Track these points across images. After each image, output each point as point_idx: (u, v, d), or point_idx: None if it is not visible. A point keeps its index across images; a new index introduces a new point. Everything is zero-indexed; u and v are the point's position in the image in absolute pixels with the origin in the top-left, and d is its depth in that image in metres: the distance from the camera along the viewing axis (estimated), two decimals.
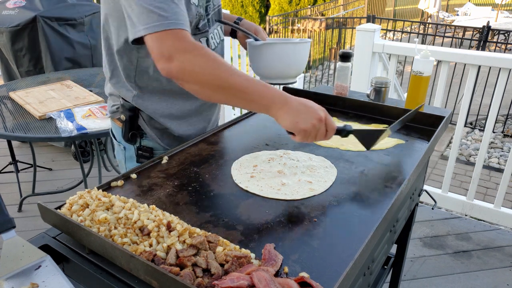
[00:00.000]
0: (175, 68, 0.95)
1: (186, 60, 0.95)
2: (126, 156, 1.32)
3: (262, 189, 1.00)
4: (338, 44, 8.04)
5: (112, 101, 1.30)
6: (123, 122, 1.27)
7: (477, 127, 5.00)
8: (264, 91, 0.98)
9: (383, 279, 1.56)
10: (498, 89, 2.44)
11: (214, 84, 0.96)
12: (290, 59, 1.34)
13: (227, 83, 0.96)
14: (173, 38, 0.96)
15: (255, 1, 11.16)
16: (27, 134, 1.95)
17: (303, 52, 1.37)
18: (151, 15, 0.95)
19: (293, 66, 1.36)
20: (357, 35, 2.75)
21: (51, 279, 0.73)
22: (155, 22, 0.95)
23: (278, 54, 1.33)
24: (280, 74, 1.37)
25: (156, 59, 0.97)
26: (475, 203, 2.74)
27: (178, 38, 0.96)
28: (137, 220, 0.80)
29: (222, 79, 0.96)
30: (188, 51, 0.95)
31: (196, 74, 0.95)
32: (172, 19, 0.96)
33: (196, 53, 0.96)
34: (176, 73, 0.96)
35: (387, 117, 1.43)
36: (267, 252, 0.75)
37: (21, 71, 3.36)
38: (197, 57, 0.96)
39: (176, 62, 0.95)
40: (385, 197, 0.97)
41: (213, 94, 0.99)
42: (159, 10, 0.96)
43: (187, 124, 1.31)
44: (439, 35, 6.17)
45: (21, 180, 3.02)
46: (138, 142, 1.29)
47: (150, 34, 0.96)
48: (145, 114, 1.25)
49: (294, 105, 0.97)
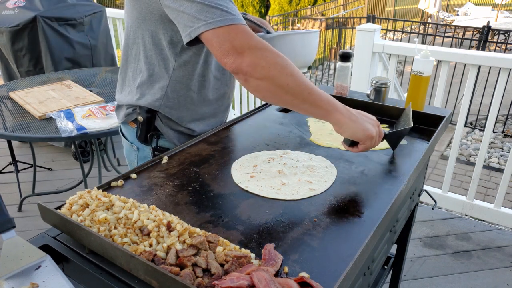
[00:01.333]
0: (246, 63, 0.93)
1: (259, 55, 0.93)
2: (139, 156, 1.32)
3: (262, 189, 1.00)
4: (338, 44, 8.04)
5: (126, 106, 1.28)
6: (138, 124, 1.27)
7: (477, 127, 5.00)
8: (327, 96, 0.97)
9: (383, 279, 1.56)
10: (498, 89, 2.44)
11: (281, 81, 0.94)
12: (298, 50, 1.38)
13: (294, 82, 0.94)
14: (242, 32, 0.94)
15: (255, 1, 11.16)
16: (27, 134, 1.95)
17: (312, 42, 1.41)
18: (213, 10, 0.93)
19: (301, 57, 1.40)
20: (357, 35, 2.75)
21: (51, 279, 0.73)
22: (220, 17, 0.93)
23: (287, 45, 1.35)
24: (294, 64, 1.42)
25: (224, 53, 0.94)
26: (475, 203, 2.73)
27: (247, 33, 0.94)
28: (137, 220, 0.80)
29: (290, 77, 0.94)
30: (259, 47, 0.94)
31: (266, 70, 0.93)
32: (236, 13, 0.95)
33: (266, 49, 0.94)
34: (247, 67, 0.93)
35: (387, 117, 1.43)
36: (267, 252, 0.75)
37: (21, 71, 3.36)
38: (268, 52, 0.94)
39: (248, 57, 0.92)
40: (385, 197, 0.97)
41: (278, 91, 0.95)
42: (221, 6, 0.94)
43: (205, 124, 1.34)
44: (439, 35, 6.18)
45: (21, 180, 3.02)
46: (154, 143, 1.28)
47: (215, 29, 0.93)
48: (163, 115, 1.25)
49: (355, 113, 0.99)
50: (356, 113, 1.01)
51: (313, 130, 1.35)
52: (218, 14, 0.93)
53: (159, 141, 1.29)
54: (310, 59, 1.43)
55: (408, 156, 1.18)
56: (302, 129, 1.37)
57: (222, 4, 0.95)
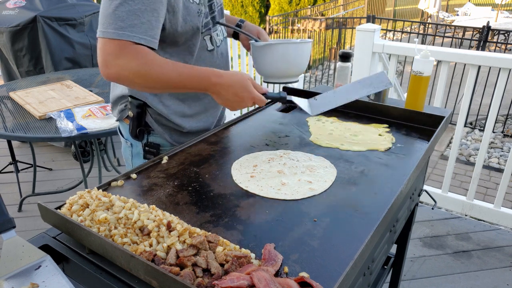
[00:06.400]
0: (112, 74, 1.05)
1: (119, 66, 1.03)
2: (133, 152, 1.33)
3: (262, 189, 1.00)
4: (338, 44, 8.04)
5: (119, 102, 1.32)
6: (130, 119, 1.28)
7: (477, 127, 5.00)
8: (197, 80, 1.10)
9: (383, 279, 1.56)
10: (498, 89, 2.44)
11: (148, 86, 1.09)
12: (292, 59, 1.36)
13: (160, 83, 1.08)
14: (114, 47, 1.02)
15: (255, 1, 11.16)
16: (27, 134, 1.95)
17: (305, 52, 1.39)
18: (109, 21, 1.02)
19: (295, 66, 1.38)
20: (357, 35, 2.75)
21: (51, 279, 0.73)
22: (108, 28, 1.02)
23: (281, 54, 1.35)
24: (282, 74, 1.39)
25: (98, 63, 1.06)
26: (475, 203, 2.74)
27: (120, 47, 1.02)
28: (137, 220, 0.80)
29: (154, 81, 1.07)
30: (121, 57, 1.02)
31: (130, 79, 1.06)
32: (126, 30, 1.01)
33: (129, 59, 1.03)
34: (113, 78, 1.06)
35: (387, 117, 1.43)
36: (267, 252, 0.75)
37: (21, 71, 3.36)
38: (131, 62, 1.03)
39: (112, 68, 1.04)
40: (385, 197, 0.97)
41: (151, 90, 1.17)
42: (117, 19, 1.01)
43: (196, 121, 1.34)
44: (439, 35, 6.18)
45: (21, 180, 3.02)
46: (145, 139, 1.30)
47: (100, 38, 1.04)
48: (153, 110, 1.26)
49: (225, 93, 1.12)
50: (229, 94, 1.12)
51: (313, 130, 1.35)
52: (111, 26, 1.01)
53: (150, 137, 1.31)
54: (301, 68, 1.41)
55: (408, 156, 1.18)
56: (302, 129, 1.37)
57: (121, 16, 1.01)
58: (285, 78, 1.41)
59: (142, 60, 1.03)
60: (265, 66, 1.39)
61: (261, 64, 1.40)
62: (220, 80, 1.10)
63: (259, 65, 1.41)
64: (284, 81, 1.42)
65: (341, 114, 1.49)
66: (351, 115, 1.49)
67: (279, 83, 1.42)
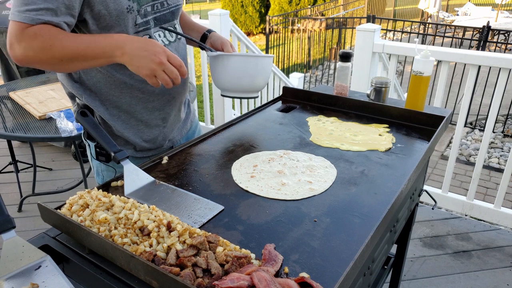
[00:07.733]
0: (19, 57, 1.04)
1: (23, 47, 1.02)
2: (92, 153, 1.32)
3: (262, 189, 1.00)
4: (338, 44, 8.04)
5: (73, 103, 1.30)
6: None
7: (477, 127, 5.00)
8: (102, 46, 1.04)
9: (383, 279, 1.56)
10: (498, 89, 2.44)
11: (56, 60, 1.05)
12: (247, 73, 1.28)
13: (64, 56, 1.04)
14: (16, 28, 1.01)
15: (255, 1, 11.16)
16: (27, 134, 1.95)
17: (263, 67, 1.31)
18: (15, 3, 1.02)
19: (250, 80, 1.30)
20: (357, 35, 2.75)
21: (51, 279, 0.73)
22: (13, 10, 1.02)
23: (235, 66, 1.28)
24: (237, 88, 1.32)
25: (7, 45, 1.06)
26: (475, 203, 2.74)
27: (22, 28, 1.01)
28: (137, 220, 0.80)
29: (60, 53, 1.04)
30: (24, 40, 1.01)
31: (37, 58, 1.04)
32: (31, 13, 1.01)
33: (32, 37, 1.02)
34: (21, 61, 1.05)
35: (387, 117, 1.43)
36: (267, 252, 0.75)
37: (21, 71, 3.36)
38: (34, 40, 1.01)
39: (17, 50, 1.03)
40: (385, 197, 0.97)
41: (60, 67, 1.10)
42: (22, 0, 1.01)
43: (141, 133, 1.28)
44: (439, 35, 6.18)
45: (21, 180, 3.02)
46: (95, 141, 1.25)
47: (11, 21, 1.03)
48: (97, 114, 1.23)
49: (133, 52, 1.03)
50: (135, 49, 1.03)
51: (313, 130, 1.35)
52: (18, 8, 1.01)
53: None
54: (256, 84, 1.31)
55: (408, 156, 1.18)
56: (302, 129, 1.37)
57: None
58: (240, 93, 1.33)
59: (45, 36, 1.02)
60: (219, 78, 1.32)
61: (215, 75, 1.33)
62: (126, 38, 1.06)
63: (214, 77, 1.34)
64: (239, 96, 1.34)
65: (341, 114, 1.49)
66: (351, 115, 1.49)
67: (234, 97, 1.35)
